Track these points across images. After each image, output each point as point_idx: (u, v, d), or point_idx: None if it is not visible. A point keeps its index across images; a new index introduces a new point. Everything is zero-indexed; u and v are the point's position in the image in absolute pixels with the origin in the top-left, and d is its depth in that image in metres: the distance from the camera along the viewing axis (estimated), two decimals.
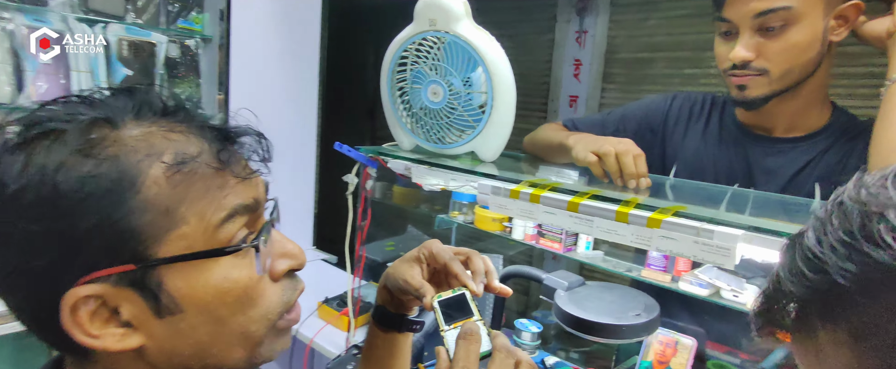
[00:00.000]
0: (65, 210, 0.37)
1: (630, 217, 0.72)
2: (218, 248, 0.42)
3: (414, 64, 1.04)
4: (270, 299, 0.46)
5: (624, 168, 0.87)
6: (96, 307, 0.39)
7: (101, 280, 0.38)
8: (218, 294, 0.42)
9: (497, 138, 1.05)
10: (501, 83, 0.99)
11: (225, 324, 0.43)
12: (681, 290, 1.03)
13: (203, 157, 0.42)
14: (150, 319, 0.41)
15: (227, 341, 0.44)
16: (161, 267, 0.40)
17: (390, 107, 1.12)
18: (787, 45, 0.87)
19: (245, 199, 0.44)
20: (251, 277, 0.44)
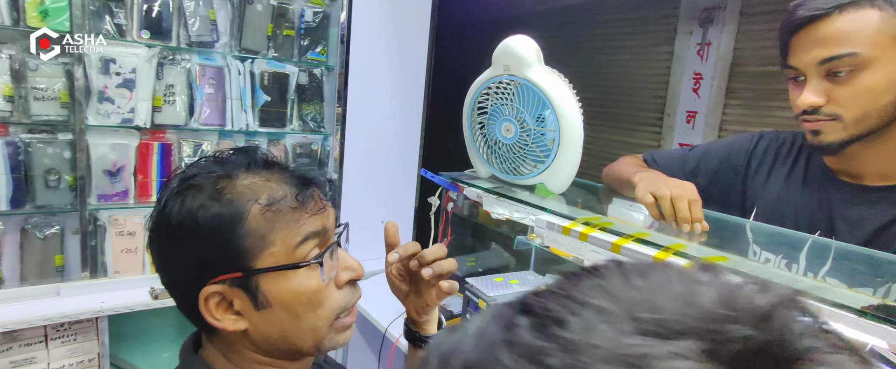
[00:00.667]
0: (202, 236, 0.57)
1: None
2: (294, 264, 0.61)
3: (491, 103, 1.16)
4: (333, 302, 0.64)
5: (678, 212, 0.90)
6: (219, 300, 0.59)
7: (222, 282, 0.58)
8: (295, 296, 0.61)
9: (563, 173, 1.13)
10: (568, 123, 1.07)
11: (300, 319, 0.62)
12: None
13: (286, 199, 0.61)
14: (252, 311, 0.60)
15: (302, 331, 0.62)
16: (258, 276, 0.59)
17: (470, 140, 1.25)
18: (858, 90, 0.83)
19: (315, 227, 0.62)
20: (319, 285, 0.63)
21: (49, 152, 1.56)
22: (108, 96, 1.61)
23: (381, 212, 2.21)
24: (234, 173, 0.61)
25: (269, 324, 0.60)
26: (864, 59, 0.81)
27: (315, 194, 0.63)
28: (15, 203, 1.56)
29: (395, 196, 2.27)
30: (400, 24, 2.12)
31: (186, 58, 1.77)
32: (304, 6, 1.98)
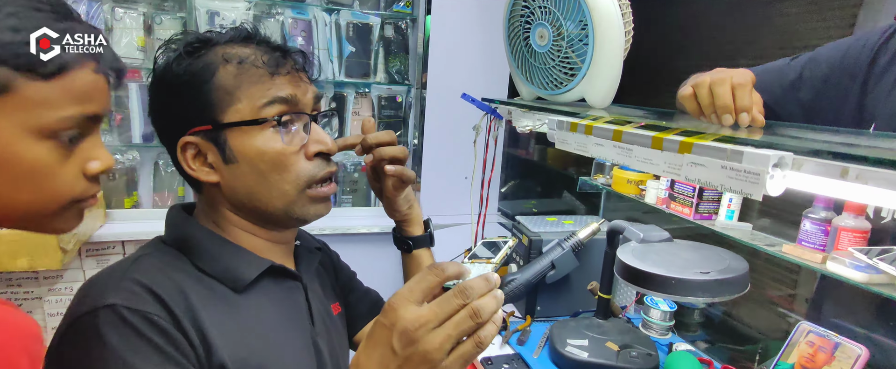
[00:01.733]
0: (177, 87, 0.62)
1: (665, 143, 0.61)
2: (252, 120, 0.62)
3: (521, 11, 1.05)
4: (301, 169, 0.65)
5: (716, 100, 0.72)
6: (195, 152, 0.63)
7: (196, 134, 0.62)
8: (258, 153, 0.62)
9: (605, 81, 0.98)
10: (604, 22, 0.92)
11: (265, 178, 0.64)
12: (828, 272, 0.78)
13: (254, 60, 0.63)
14: (222, 165, 0.63)
15: (268, 191, 0.64)
16: (225, 130, 0.61)
17: (508, 56, 1.15)
18: None
19: (284, 93, 0.63)
20: (283, 149, 0.63)
21: None
22: None
23: (464, 168, 2.17)
24: (217, 39, 0.64)
25: (237, 180, 0.63)
26: None
27: (288, 64, 0.64)
28: (146, 138, 1.86)
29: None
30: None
31: (280, 11, 1.93)
32: None
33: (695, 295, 0.67)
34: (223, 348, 0.57)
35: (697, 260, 0.73)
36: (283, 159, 0.63)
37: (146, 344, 0.52)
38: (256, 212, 0.65)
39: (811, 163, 0.48)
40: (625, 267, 0.74)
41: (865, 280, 0.73)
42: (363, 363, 0.51)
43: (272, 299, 0.67)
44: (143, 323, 0.53)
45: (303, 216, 0.66)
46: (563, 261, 1.16)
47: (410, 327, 0.47)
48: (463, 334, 0.47)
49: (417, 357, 0.47)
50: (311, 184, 0.65)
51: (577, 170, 1.45)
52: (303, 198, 0.65)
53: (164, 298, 0.55)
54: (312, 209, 0.66)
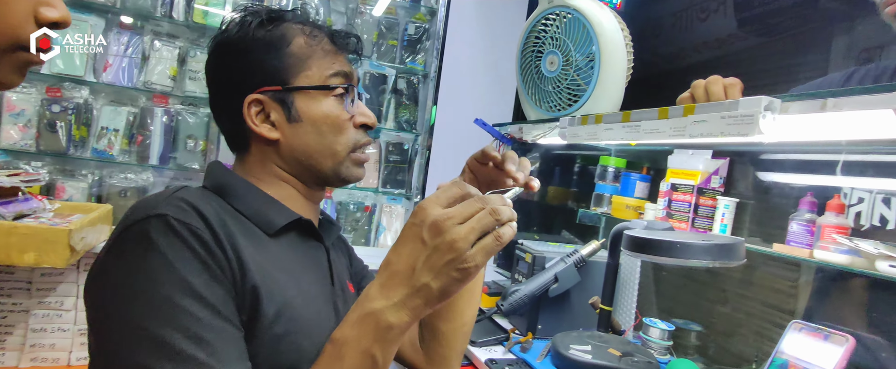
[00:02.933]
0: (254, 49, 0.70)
1: (670, 111, 0.71)
2: (326, 85, 0.71)
3: (534, 43, 1.20)
4: (351, 134, 0.74)
5: (711, 95, 0.83)
6: (259, 109, 0.70)
7: (265, 92, 0.70)
8: (323, 116, 0.71)
9: (608, 103, 1.10)
10: (609, 48, 1.06)
11: (324, 137, 0.72)
12: (817, 261, 0.84)
13: (324, 37, 0.73)
14: (285, 123, 0.71)
15: (324, 149, 0.72)
16: (295, 92, 0.70)
17: (520, 83, 1.28)
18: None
19: (346, 68, 0.74)
20: (342, 113, 0.73)
21: (191, 121, 1.94)
22: None
23: None
24: (290, 17, 0.74)
25: (297, 137, 0.70)
26: None
27: (348, 44, 0.75)
28: (162, 161, 1.93)
29: None
30: (494, 37, 2.28)
31: None
32: (408, 21, 2.25)
33: (698, 258, 0.72)
34: (256, 274, 0.61)
35: (695, 236, 0.80)
36: (341, 123, 0.71)
37: (191, 253, 0.56)
38: (309, 169, 0.72)
39: (796, 105, 0.58)
40: (633, 240, 0.81)
41: (848, 262, 0.80)
42: (392, 259, 0.56)
43: (297, 251, 0.71)
44: (189, 234, 0.56)
45: (347, 175, 0.73)
46: (565, 274, 1.20)
47: (439, 219, 0.52)
48: (485, 229, 0.52)
49: (445, 245, 0.51)
50: (355, 148, 0.73)
51: (577, 203, 1.53)
52: (348, 160, 0.73)
53: (208, 218, 0.59)
54: (355, 170, 0.74)
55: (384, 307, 0.53)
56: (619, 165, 1.41)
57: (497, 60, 2.29)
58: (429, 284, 0.52)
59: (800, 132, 0.58)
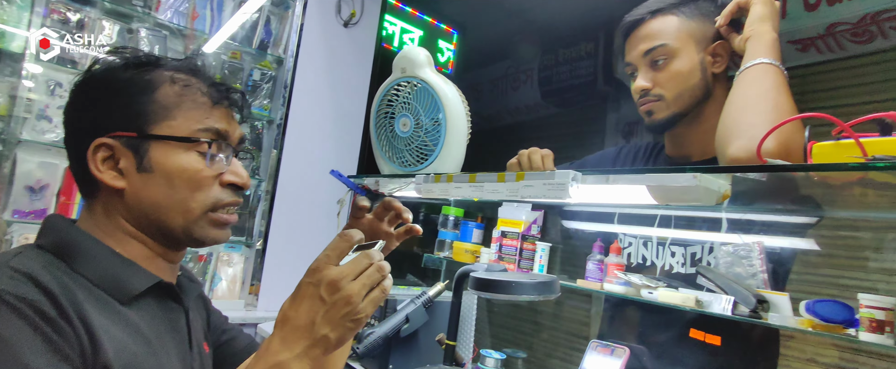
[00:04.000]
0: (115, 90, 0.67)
1: (506, 176, 0.90)
2: (186, 137, 0.69)
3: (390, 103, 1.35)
4: (212, 192, 0.71)
5: (533, 163, 1.06)
6: (107, 155, 0.66)
7: (117, 137, 0.66)
8: (178, 170, 0.68)
9: (454, 160, 1.28)
10: (453, 114, 1.26)
11: (175, 192, 0.68)
12: (606, 291, 1.11)
13: (199, 86, 0.71)
14: (133, 172, 0.67)
15: (174, 205, 0.68)
16: (151, 141, 0.67)
17: (374, 140, 1.41)
18: (671, 73, 1.08)
19: (220, 125, 0.71)
20: (203, 169, 0.69)
21: None
22: (47, 115, 1.72)
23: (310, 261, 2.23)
24: (165, 63, 0.71)
25: (146, 189, 0.66)
26: (672, 48, 1.07)
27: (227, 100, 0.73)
28: None
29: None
30: (341, 91, 2.39)
31: None
32: (253, 66, 2.23)
33: (528, 293, 0.91)
34: (110, 350, 0.56)
35: (523, 276, 1.00)
36: (200, 179, 0.68)
37: (33, 331, 0.51)
38: (156, 225, 0.67)
39: (590, 177, 0.80)
40: (478, 280, 0.97)
41: (624, 291, 1.07)
42: (291, 315, 0.61)
43: (155, 316, 0.67)
44: (29, 309, 0.51)
45: (202, 236, 0.69)
46: (415, 314, 1.32)
47: (336, 278, 0.60)
48: (373, 284, 0.61)
49: (341, 301, 0.59)
50: (216, 208, 0.70)
51: (422, 249, 1.69)
52: (204, 220, 0.69)
53: (50, 288, 0.54)
54: (212, 232, 0.70)
55: (288, 358, 0.58)
56: (458, 214, 1.61)
57: (344, 113, 2.40)
58: (327, 335, 0.59)
59: (592, 196, 0.81)
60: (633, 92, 1.14)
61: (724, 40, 1.05)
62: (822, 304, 0.80)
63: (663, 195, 0.72)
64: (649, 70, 1.11)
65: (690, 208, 1.09)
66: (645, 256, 1.19)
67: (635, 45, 1.12)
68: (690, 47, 1.07)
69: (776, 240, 0.97)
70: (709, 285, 0.97)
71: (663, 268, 1.15)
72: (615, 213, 1.28)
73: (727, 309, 0.89)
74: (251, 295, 2.16)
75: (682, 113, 1.09)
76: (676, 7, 1.10)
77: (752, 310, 0.87)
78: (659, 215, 1.16)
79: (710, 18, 1.08)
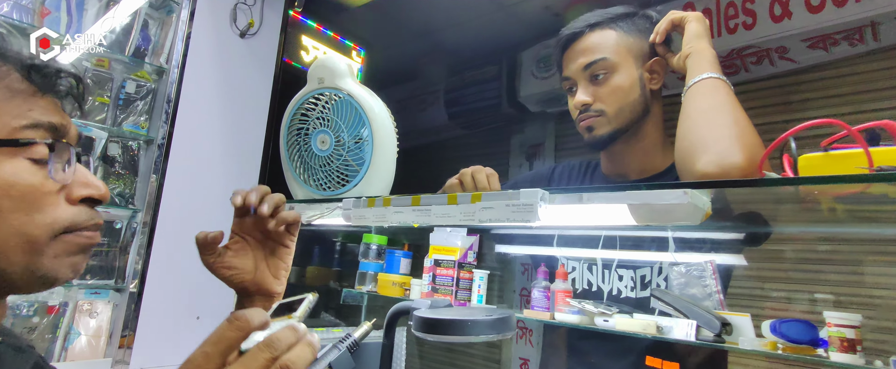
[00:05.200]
0: None
1: (459, 198, 0.77)
2: (11, 139, 0.48)
3: (307, 120, 1.17)
4: (60, 213, 0.50)
5: (477, 183, 0.94)
6: None
7: None
8: (4, 186, 0.47)
9: (382, 180, 1.13)
10: (380, 130, 1.11)
11: (4, 219, 0.47)
12: (559, 322, 1.02)
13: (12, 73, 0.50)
14: None
15: (8, 235, 0.47)
16: None
17: (286, 161, 1.21)
18: (613, 88, 1.04)
19: (51, 118, 0.51)
20: (42, 184, 0.49)
21: None
22: None
23: (195, 307, 1.91)
24: None
25: None
26: (612, 63, 1.03)
27: (56, 85, 0.54)
28: None
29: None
30: (237, 105, 2.12)
31: None
32: (126, 77, 1.90)
33: (486, 333, 0.78)
34: None
35: (477, 311, 0.87)
36: (39, 198, 0.49)
37: None
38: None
39: (561, 197, 0.70)
40: (424, 321, 0.82)
41: (578, 320, 0.99)
42: None
43: None
44: None
45: (52, 273, 0.50)
46: (340, 362, 1.12)
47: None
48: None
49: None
50: (70, 230, 0.51)
51: (340, 283, 1.49)
52: (56, 248, 0.50)
53: None
54: (68, 261, 0.51)
55: None
56: (382, 242, 1.45)
57: (241, 132, 2.13)
58: None
59: (563, 218, 0.71)
60: (573, 107, 1.09)
61: (660, 57, 1.04)
62: (787, 325, 0.77)
63: (646, 214, 0.65)
64: (589, 84, 1.06)
65: (636, 228, 1.05)
66: (590, 281, 1.13)
67: (574, 58, 1.08)
68: (629, 62, 1.04)
69: (725, 258, 0.95)
70: (665, 309, 0.92)
71: (610, 293, 1.09)
72: (554, 235, 1.21)
73: (690, 334, 0.84)
74: (122, 349, 1.77)
75: (623, 129, 1.06)
76: (614, 22, 1.07)
77: (716, 334, 0.82)
78: (603, 236, 1.10)
79: (646, 35, 1.06)
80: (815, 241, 1.98)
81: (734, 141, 0.74)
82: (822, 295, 1.94)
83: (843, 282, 1.90)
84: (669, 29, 1.01)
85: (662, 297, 0.92)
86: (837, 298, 1.88)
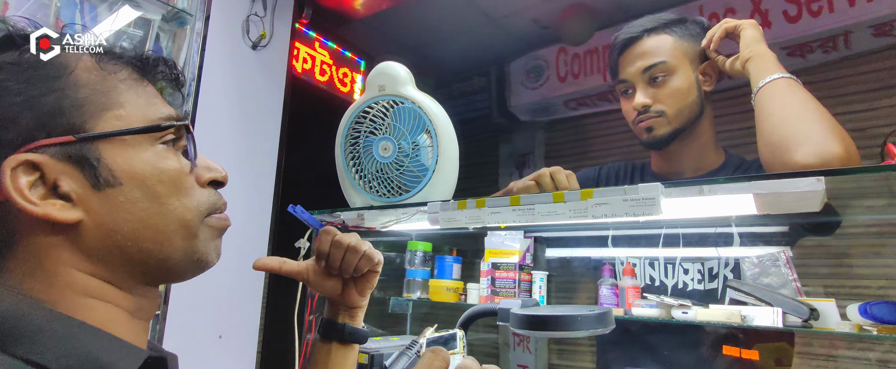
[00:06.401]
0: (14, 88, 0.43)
1: (566, 195, 0.79)
2: (155, 125, 0.48)
3: (365, 127, 1.17)
4: (201, 196, 0.51)
5: (558, 184, 0.96)
6: (35, 179, 0.42)
7: (42, 150, 0.42)
8: (155, 171, 0.47)
9: (447, 184, 1.14)
10: (444, 135, 1.12)
11: (163, 204, 0.47)
12: (635, 317, 1.04)
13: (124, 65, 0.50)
14: (89, 193, 0.44)
15: (168, 220, 0.47)
16: (100, 141, 0.45)
17: (344, 170, 1.20)
18: (672, 90, 1.08)
19: (173, 112, 0.52)
20: (181, 168, 0.50)
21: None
22: None
23: (217, 326, 1.85)
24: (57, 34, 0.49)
25: (118, 210, 0.45)
26: (671, 66, 1.07)
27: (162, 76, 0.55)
28: None
29: (240, 301, 1.94)
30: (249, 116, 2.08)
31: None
32: None
33: (593, 327, 0.80)
34: None
35: (570, 309, 0.88)
36: (184, 182, 0.49)
37: None
38: (138, 260, 0.46)
39: (675, 190, 0.73)
40: (527, 318, 0.83)
41: (657, 313, 1.02)
42: None
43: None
44: None
45: (206, 256, 0.51)
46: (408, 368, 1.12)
47: None
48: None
49: None
50: (211, 212, 0.52)
51: (384, 293, 1.47)
52: (205, 231, 0.51)
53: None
54: (213, 244, 0.52)
55: None
56: (427, 249, 1.45)
57: (255, 145, 2.09)
58: None
59: (681, 210, 0.73)
60: (633, 108, 1.12)
61: (712, 60, 1.09)
62: (877, 307, 0.81)
63: (773, 203, 0.68)
64: (648, 87, 1.10)
65: (699, 225, 1.09)
66: (652, 277, 1.16)
67: (632, 61, 1.12)
68: (686, 65, 1.09)
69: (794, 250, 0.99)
70: (743, 298, 0.95)
71: (675, 287, 1.12)
72: (608, 236, 1.24)
73: (777, 321, 0.88)
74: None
75: (681, 129, 1.10)
76: (668, 27, 1.12)
77: (804, 320, 0.86)
78: (663, 234, 1.14)
79: (698, 40, 1.11)
80: None
81: (829, 133, 0.79)
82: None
83: None
84: (723, 36, 1.06)
85: (740, 287, 0.95)
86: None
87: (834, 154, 0.76)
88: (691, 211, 0.75)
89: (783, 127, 0.85)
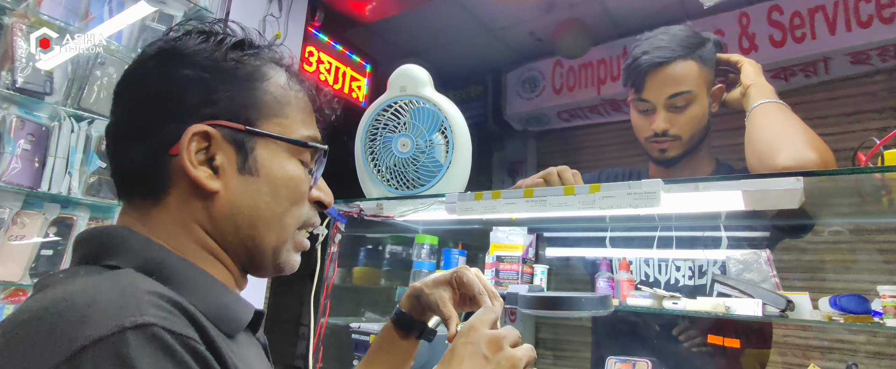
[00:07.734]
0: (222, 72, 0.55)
1: (576, 189, 0.88)
2: (303, 142, 0.59)
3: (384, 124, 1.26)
4: (305, 210, 0.61)
5: (565, 181, 1.06)
6: (202, 147, 0.52)
7: (220, 127, 0.53)
8: (286, 176, 0.57)
9: (461, 178, 1.23)
10: (459, 134, 1.21)
11: (278, 202, 0.57)
12: (629, 306, 1.14)
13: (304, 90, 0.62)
14: (234, 173, 0.54)
15: (271, 220, 0.57)
16: (259, 137, 0.55)
17: (363, 163, 1.29)
18: (690, 117, 1.17)
19: (316, 132, 0.62)
20: (304, 181, 0.60)
21: None
22: None
23: None
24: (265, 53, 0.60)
25: (246, 195, 0.55)
26: (693, 95, 1.16)
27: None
28: None
29: None
30: None
31: (3, 106, 1.51)
32: None
33: (596, 308, 0.89)
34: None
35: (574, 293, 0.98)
36: (302, 194, 0.59)
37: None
38: (245, 241, 0.56)
39: (675, 186, 0.82)
40: (541, 299, 0.92)
41: (650, 303, 1.11)
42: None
43: (251, 353, 0.56)
44: (188, 353, 0.39)
45: (284, 262, 0.60)
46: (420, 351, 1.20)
47: (499, 335, 0.60)
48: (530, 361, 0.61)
49: (506, 361, 0.58)
50: (304, 226, 0.61)
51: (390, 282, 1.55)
52: (292, 242, 0.60)
53: (200, 321, 0.43)
54: (293, 258, 0.61)
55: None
56: (433, 242, 1.53)
57: None
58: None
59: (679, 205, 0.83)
60: (647, 128, 1.18)
61: (722, 85, 1.19)
62: (845, 299, 0.91)
63: (759, 199, 0.78)
64: (668, 112, 1.16)
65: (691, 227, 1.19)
66: (647, 273, 1.26)
67: (658, 85, 1.15)
68: (704, 92, 1.17)
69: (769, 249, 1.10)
70: (728, 292, 1.05)
71: (667, 282, 1.22)
72: (606, 237, 1.34)
73: (758, 311, 0.98)
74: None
75: (690, 150, 1.20)
76: (694, 52, 1.15)
77: (781, 310, 0.96)
78: (657, 236, 1.24)
79: (713, 63, 1.19)
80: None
81: (806, 143, 0.90)
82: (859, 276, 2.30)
83: None
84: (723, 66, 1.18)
85: (726, 281, 1.06)
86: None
87: (810, 159, 0.87)
88: (688, 205, 0.84)
89: (769, 137, 0.96)
